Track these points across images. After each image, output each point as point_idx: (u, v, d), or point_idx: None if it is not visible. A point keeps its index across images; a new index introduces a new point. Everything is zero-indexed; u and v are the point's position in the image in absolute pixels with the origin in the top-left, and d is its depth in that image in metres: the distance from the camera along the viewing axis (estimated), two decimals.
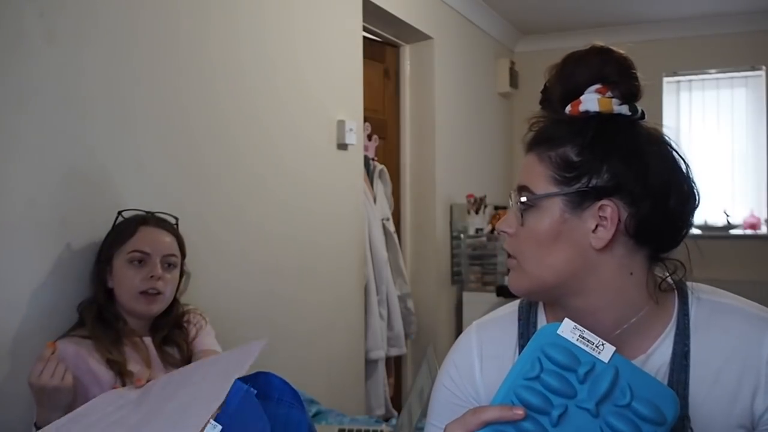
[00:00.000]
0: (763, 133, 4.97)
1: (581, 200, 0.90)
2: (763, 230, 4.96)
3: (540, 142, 0.94)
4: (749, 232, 4.98)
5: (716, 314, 0.93)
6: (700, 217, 5.03)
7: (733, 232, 5.00)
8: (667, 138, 0.94)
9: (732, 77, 5.10)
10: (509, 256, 0.97)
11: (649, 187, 0.89)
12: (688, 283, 0.97)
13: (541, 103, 0.98)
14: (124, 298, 1.65)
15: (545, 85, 0.97)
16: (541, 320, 1.02)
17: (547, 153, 0.93)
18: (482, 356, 1.03)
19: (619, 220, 0.89)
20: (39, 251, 1.64)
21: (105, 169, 1.81)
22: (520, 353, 0.95)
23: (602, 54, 0.94)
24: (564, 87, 0.94)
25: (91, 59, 1.78)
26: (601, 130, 0.91)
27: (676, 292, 0.96)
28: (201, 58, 2.16)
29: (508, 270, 1.00)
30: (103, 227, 1.73)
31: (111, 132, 1.83)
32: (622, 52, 0.94)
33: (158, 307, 1.68)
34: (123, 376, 1.55)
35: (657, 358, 0.93)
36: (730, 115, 5.12)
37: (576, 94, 0.93)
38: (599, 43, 0.95)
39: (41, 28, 1.65)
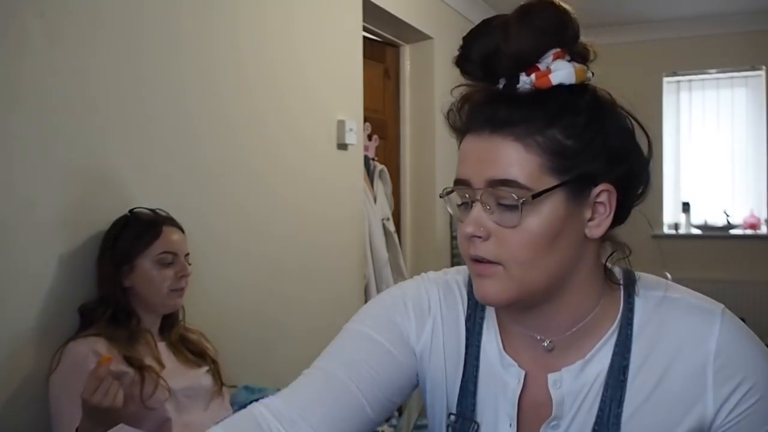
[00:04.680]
0: (763, 133, 4.97)
1: (582, 188, 0.78)
2: (763, 230, 4.96)
3: (509, 123, 0.77)
4: (749, 232, 4.97)
5: (661, 310, 0.84)
6: (700, 217, 5.07)
7: (733, 232, 5.01)
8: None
9: (732, 77, 5.11)
10: (485, 262, 0.79)
11: (628, 157, 0.79)
12: (637, 275, 0.87)
13: (469, 71, 0.81)
14: (153, 296, 1.70)
15: (481, 49, 0.80)
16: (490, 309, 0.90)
17: (532, 137, 0.76)
18: (434, 320, 0.92)
19: (617, 202, 0.79)
20: (40, 252, 1.64)
21: (106, 169, 1.81)
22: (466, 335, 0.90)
23: (558, 11, 0.78)
24: (513, 51, 0.77)
25: (92, 59, 1.78)
26: (584, 104, 0.78)
27: (622, 288, 0.86)
28: (202, 59, 2.16)
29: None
30: (105, 227, 1.73)
31: (112, 132, 1.83)
32: (568, 6, 0.79)
33: (182, 301, 1.76)
34: (142, 370, 1.58)
35: (595, 364, 0.84)
36: (730, 115, 5.13)
37: (528, 59, 0.77)
38: None
39: (42, 28, 1.64)
